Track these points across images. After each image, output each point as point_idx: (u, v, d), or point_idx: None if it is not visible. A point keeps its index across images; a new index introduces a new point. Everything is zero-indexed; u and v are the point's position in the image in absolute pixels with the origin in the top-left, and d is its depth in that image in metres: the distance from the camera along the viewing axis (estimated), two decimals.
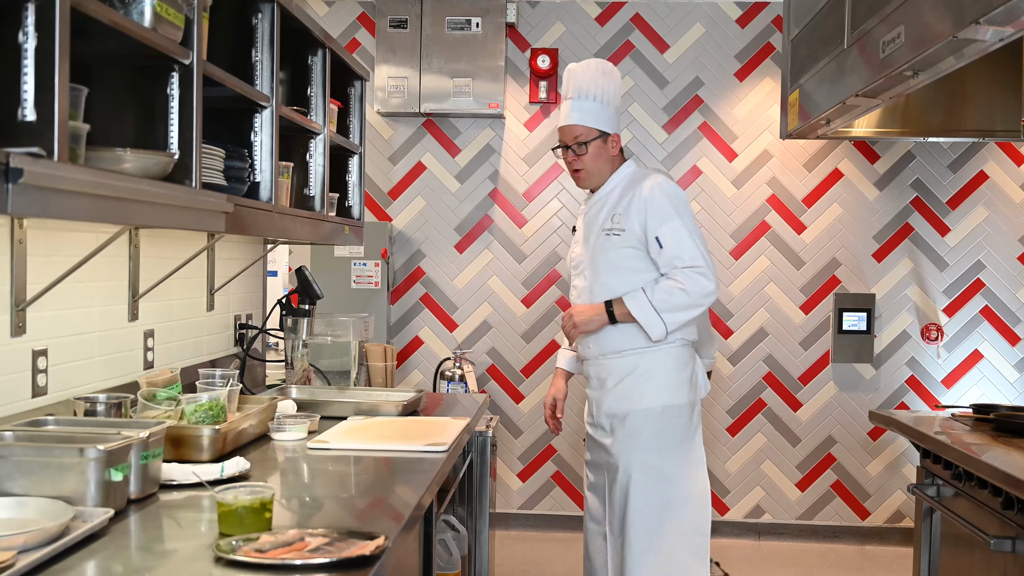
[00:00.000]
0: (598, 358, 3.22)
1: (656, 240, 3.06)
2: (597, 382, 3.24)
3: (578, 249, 3.30)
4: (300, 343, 3.55)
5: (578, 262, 3.29)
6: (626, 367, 3.16)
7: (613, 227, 3.14)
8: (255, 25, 2.70)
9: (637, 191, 3.12)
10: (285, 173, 2.99)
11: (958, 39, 2.29)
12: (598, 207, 3.23)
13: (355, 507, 2.11)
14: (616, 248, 3.13)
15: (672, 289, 3.03)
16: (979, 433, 3.20)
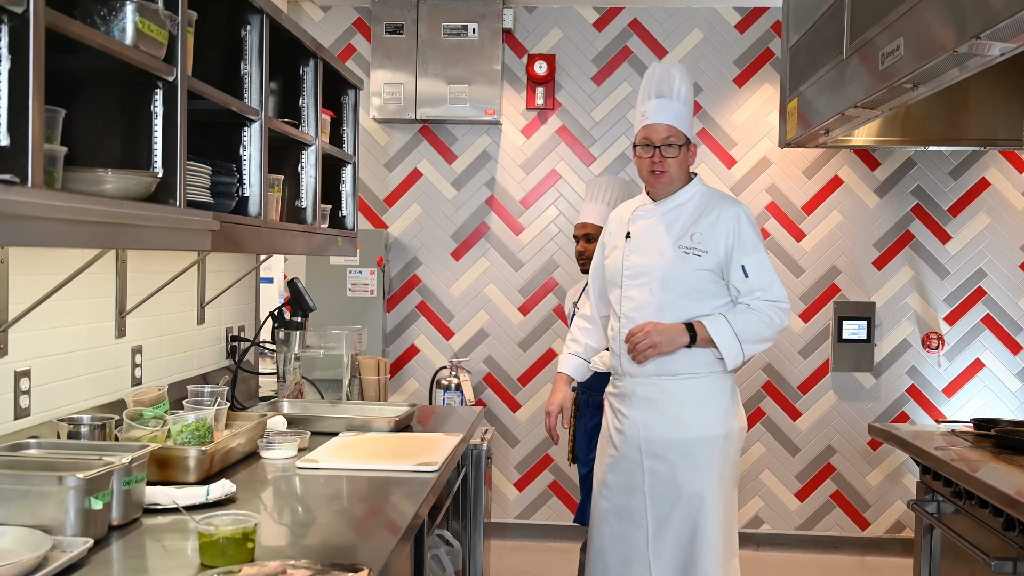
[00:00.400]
0: (652, 377, 3.07)
1: (742, 268, 3.03)
2: (644, 402, 3.09)
3: (637, 258, 3.12)
4: (292, 356, 3.51)
5: (638, 272, 3.11)
6: (686, 390, 3.06)
7: (693, 246, 3.03)
8: (244, 37, 2.65)
9: (720, 213, 3.05)
10: (275, 186, 2.95)
11: (958, 53, 2.25)
12: (669, 218, 3.10)
13: (342, 532, 2.07)
14: (695, 269, 3.02)
15: (758, 321, 3.00)
16: (980, 449, 3.16)
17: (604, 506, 3.20)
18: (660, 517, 3.07)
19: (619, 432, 3.16)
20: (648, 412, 3.07)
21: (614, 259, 3.20)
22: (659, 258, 3.06)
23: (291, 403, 3.41)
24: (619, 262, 3.17)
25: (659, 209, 3.13)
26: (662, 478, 3.06)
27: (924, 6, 2.41)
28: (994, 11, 2.02)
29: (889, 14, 2.66)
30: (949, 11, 2.27)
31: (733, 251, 3.02)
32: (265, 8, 2.64)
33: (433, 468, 2.58)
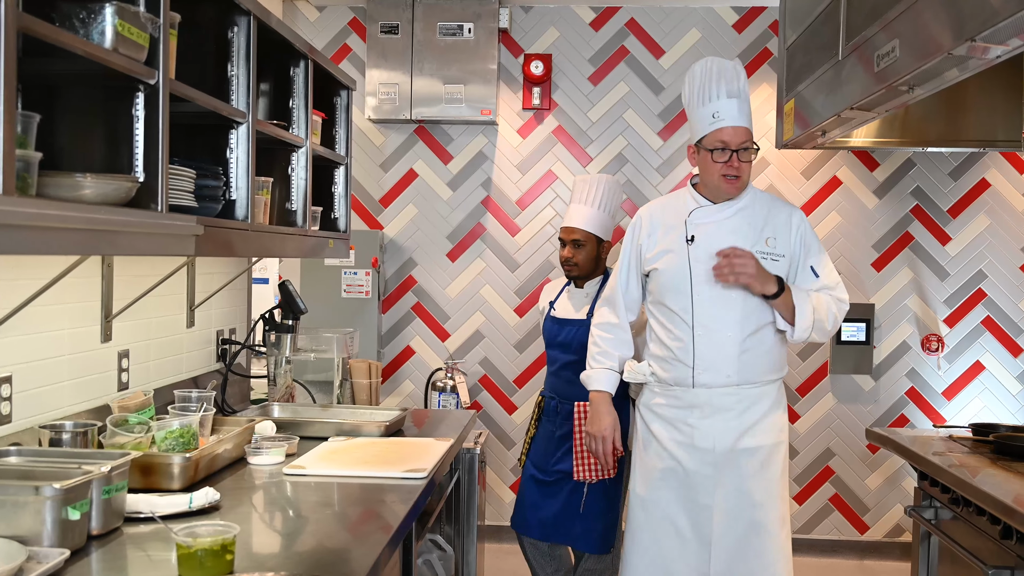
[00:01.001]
0: (731, 387, 2.99)
1: (811, 269, 3.06)
2: (720, 412, 3.00)
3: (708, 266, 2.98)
4: (283, 359, 3.48)
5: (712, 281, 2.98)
6: (761, 397, 3.04)
7: (770, 251, 3.01)
8: (231, 39, 2.62)
9: (783, 217, 3.07)
10: (264, 189, 2.92)
11: (954, 55, 2.21)
12: (738, 222, 3.02)
13: (327, 541, 2.04)
14: (774, 273, 2.97)
15: (827, 310, 3.01)
16: (978, 455, 3.12)
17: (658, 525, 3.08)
18: (724, 530, 2.99)
19: (685, 445, 3.04)
20: (726, 422, 3.00)
21: (673, 264, 3.05)
22: None
23: (281, 407, 3.38)
24: (683, 268, 3.03)
25: (725, 211, 3.05)
26: (732, 489, 2.99)
27: (920, 7, 2.38)
28: (990, 13, 1.98)
29: (885, 15, 2.63)
30: (945, 13, 2.23)
31: (803, 254, 3.06)
32: (252, 10, 2.60)
33: (421, 475, 2.55)
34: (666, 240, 3.09)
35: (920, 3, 2.37)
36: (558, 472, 3.92)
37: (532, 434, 4.02)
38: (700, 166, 3.06)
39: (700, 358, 2.99)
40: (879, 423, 5.14)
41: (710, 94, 2.99)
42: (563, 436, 3.89)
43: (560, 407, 3.90)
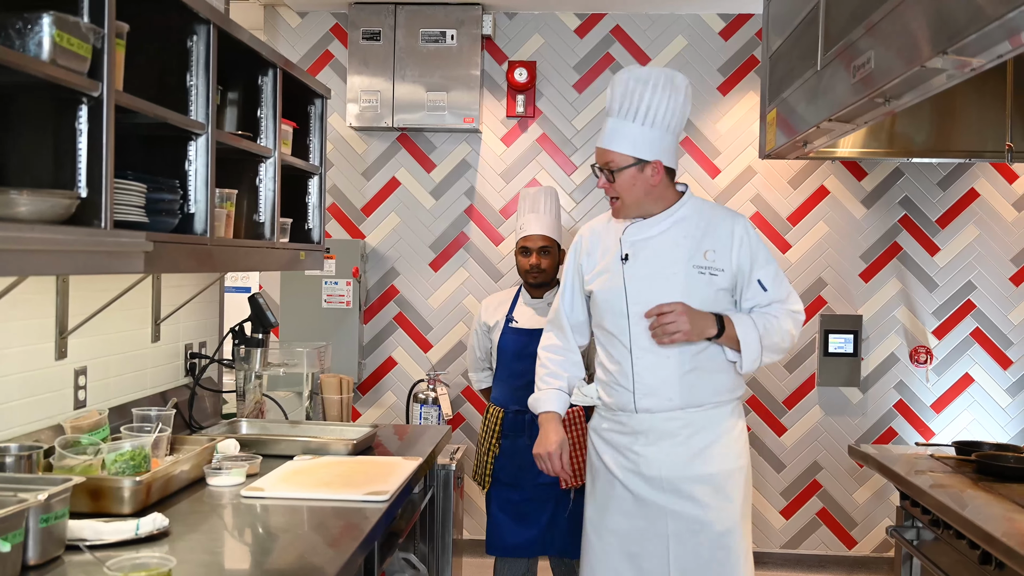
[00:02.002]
0: (675, 411, 2.82)
1: (759, 283, 2.85)
2: (665, 437, 2.83)
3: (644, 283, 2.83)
4: (253, 374, 3.41)
5: (649, 298, 2.81)
6: (710, 421, 2.86)
7: (709, 266, 2.82)
8: (189, 48, 2.55)
9: (725, 228, 2.86)
10: (228, 201, 2.85)
11: (927, 68, 2.14)
12: (673, 236, 2.84)
13: (278, 569, 1.97)
14: (713, 289, 2.81)
15: (779, 328, 2.83)
16: (960, 475, 3.05)
17: (613, 554, 2.94)
18: (684, 560, 2.84)
19: (633, 473, 2.89)
20: (672, 448, 2.83)
21: (608, 285, 2.90)
22: (672, 280, 2.81)
23: (250, 423, 3.31)
24: (618, 288, 2.88)
25: (660, 225, 2.86)
26: (687, 518, 2.83)
27: (894, 17, 2.31)
28: (961, 25, 1.91)
29: (861, 24, 2.56)
30: (918, 24, 2.16)
31: (749, 267, 2.85)
32: (212, 18, 2.54)
33: (382, 498, 2.48)
34: (604, 260, 2.95)
35: (894, 13, 2.30)
36: (541, 485, 3.84)
37: (495, 453, 3.93)
38: None
39: (640, 382, 2.84)
40: (867, 437, 5.06)
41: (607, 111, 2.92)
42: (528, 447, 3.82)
43: (535, 419, 3.82)
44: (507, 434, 3.91)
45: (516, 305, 4.03)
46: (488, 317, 4.07)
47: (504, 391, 4.01)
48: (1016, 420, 5.01)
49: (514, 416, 3.90)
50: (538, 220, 3.95)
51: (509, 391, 3.97)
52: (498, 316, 4.02)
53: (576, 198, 5.13)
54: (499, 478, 3.93)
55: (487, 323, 4.07)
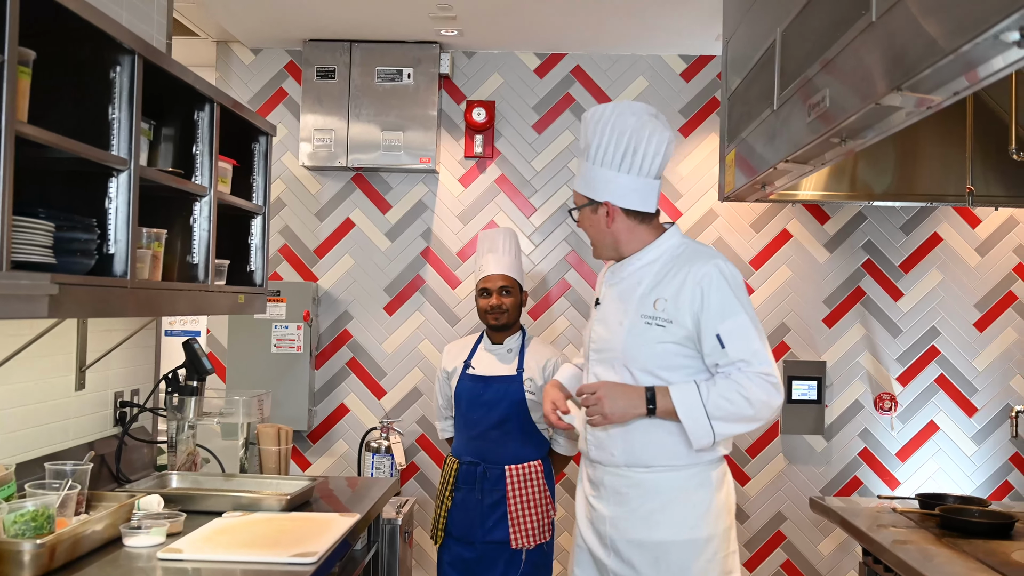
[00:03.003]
0: (620, 468, 2.64)
1: (717, 339, 2.52)
2: (613, 495, 2.66)
3: (602, 330, 2.71)
4: (186, 424, 3.24)
5: (603, 346, 2.69)
6: (661, 484, 2.60)
7: (656, 316, 2.56)
8: (112, 79, 2.41)
9: (687, 274, 2.57)
10: (156, 242, 2.70)
11: (882, 105, 2.04)
12: (632, 282, 2.68)
13: None
14: (657, 342, 2.56)
15: (734, 396, 2.49)
16: (923, 531, 2.92)
17: None
18: None
19: (589, 524, 2.75)
20: (617, 507, 2.64)
21: (587, 329, 2.85)
22: (619, 329, 2.63)
23: (181, 476, 3.14)
24: (588, 333, 2.81)
25: (628, 268, 2.72)
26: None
27: (848, 55, 2.22)
28: (915, 60, 1.82)
29: (815, 63, 2.47)
30: (873, 61, 2.07)
31: (704, 320, 2.53)
32: (136, 48, 2.41)
33: (310, 560, 2.31)
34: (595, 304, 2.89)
35: (848, 50, 2.21)
36: (490, 543, 3.69)
37: (448, 506, 3.77)
38: None
39: (590, 432, 2.72)
40: (831, 486, 4.94)
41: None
42: (494, 504, 3.68)
43: (488, 472, 3.70)
44: (460, 486, 3.77)
45: (476, 351, 3.92)
46: (448, 363, 3.96)
47: (459, 441, 3.88)
48: (982, 469, 4.91)
49: (467, 468, 3.76)
50: (497, 260, 3.87)
51: (464, 441, 3.84)
52: (457, 362, 3.91)
53: (535, 240, 5.01)
54: (451, 532, 3.77)
55: (446, 369, 3.96)
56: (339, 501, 3.21)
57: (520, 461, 3.72)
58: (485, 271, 3.86)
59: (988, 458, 4.91)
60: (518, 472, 3.70)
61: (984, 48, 1.61)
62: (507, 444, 3.75)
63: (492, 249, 3.91)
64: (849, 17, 2.19)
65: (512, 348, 3.86)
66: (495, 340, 3.88)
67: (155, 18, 3.48)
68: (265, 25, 4.66)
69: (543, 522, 3.69)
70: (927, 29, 1.77)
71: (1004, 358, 4.92)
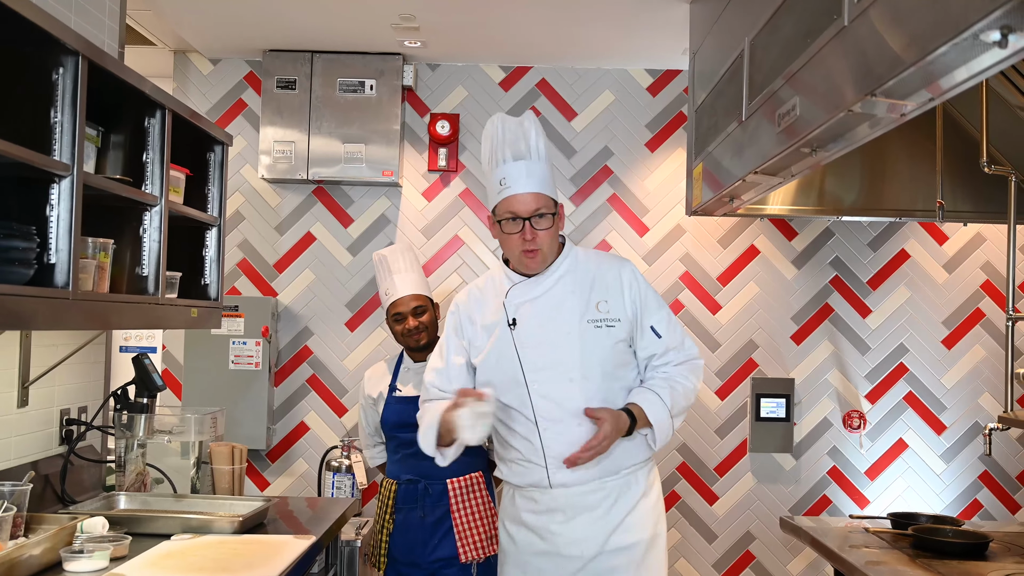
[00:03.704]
0: (593, 482, 2.62)
1: (652, 329, 2.70)
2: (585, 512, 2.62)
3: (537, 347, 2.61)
4: (135, 442, 3.11)
5: (545, 364, 2.61)
6: (628, 488, 2.68)
7: (604, 318, 2.63)
8: (55, 82, 2.31)
9: (612, 276, 2.70)
10: (102, 252, 2.59)
11: (854, 113, 1.98)
12: (561, 291, 2.66)
13: None
14: (612, 341, 2.63)
15: (684, 390, 2.70)
16: (896, 551, 2.86)
17: None
18: None
19: (550, 555, 2.64)
20: (592, 523, 2.62)
21: (498, 355, 2.67)
22: (568, 340, 2.60)
23: (129, 497, 3.01)
24: (510, 356, 2.65)
25: (544, 282, 2.67)
26: None
27: (818, 61, 2.16)
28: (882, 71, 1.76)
29: (785, 71, 2.41)
30: (845, 66, 2.01)
31: (641, 314, 2.69)
32: (80, 49, 2.30)
33: None
34: (488, 328, 2.71)
35: (818, 57, 2.15)
36: (438, 561, 3.56)
37: (390, 529, 3.62)
38: (500, 240, 2.70)
39: (552, 455, 2.60)
40: (800, 505, 4.87)
41: (495, 158, 2.66)
42: (437, 520, 3.54)
43: (429, 488, 3.54)
44: (400, 507, 3.61)
45: (399, 372, 3.78)
46: (372, 389, 3.82)
47: (393, 463, 3.75)
48: (951, 487, 4.87)
49: (407, 487, 3.60)
50: (403, 280, 3.72)
51: (398, 462, 3.70)
52: (381, 387, 3.77)
53: (499, 255, 4.92)
54: (395, 557, 3.61)
55: (371, 396, 3.81)
56: (297, 522, 3.10)
57: (461, 474, 3.55)
58: (393, 295, 3.70)
59: (957, 476, 4.88)
60: (461, 484, 3.56)
61: (963, 49, 1.55)
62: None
63: (396, 269, 3.74)
64: (820, 23, 2.14)
65: None
66: (417, 359, 3.73)
67: (107, 23, 3.37)
68: (224, 34, 4.56)
69: (490, 533, 3.56)
70: (901, 32, 1.71)
71: (972, 375, 4.90)
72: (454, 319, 2.83)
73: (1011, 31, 1.43)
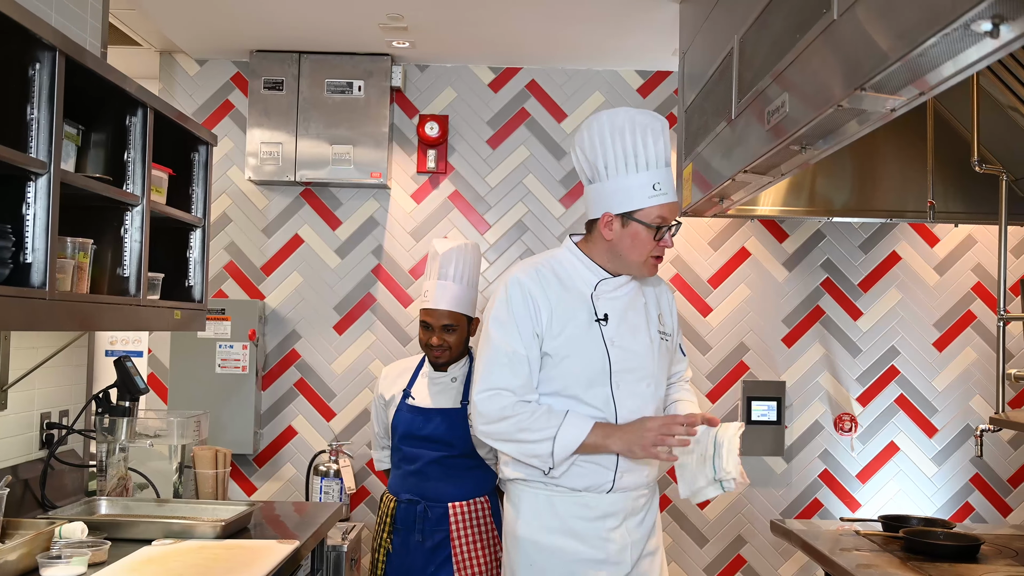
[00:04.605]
0: (643, 488, 2.66)
1: (680, 348, 2.86)
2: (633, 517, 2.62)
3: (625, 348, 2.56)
4: (117, 446, 3.06)
5: (632, 366, 2.57)
6: (653, 493, 2.75)
7: (663, 330, 2.71)
8: (31, 77, 2.27)
9: (663, 290, 2.80)
10: (81, 252, 2.54)
11: (842, 109, 1.95)
12: (637, 298, 2.64)
13: None
14: (668, 356, 2.74)
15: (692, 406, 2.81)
16: (887, 554, 2.82)
17: None
18: None
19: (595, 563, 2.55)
20: (636, 527, 2.62)
21: (586, 349, 2.53)
22: (647, 346, 2.61)
23: (110, 502, 2.96)
24: (599, 353, 2.54)
25: (626, 286, 2.62)
26: None
27: (807, 57, 2.13)
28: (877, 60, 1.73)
29: (774, 68, 2.38)
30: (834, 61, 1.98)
31: (675, 332, 2.81)
32: (57, 44, 2.26)
33: None
34: (570, 319, 2.54)
35: (807, 52, 2.12)
36: None
37: (387, 550, 3.42)
38: (622, 241, 2.52)
39: (624, 458, 2.54)
40: (792, 509, 4.84)
41: (648, 158, 2.48)
42: (436, 546, 3.35)
43: (429, 511, 3.35)
44: (398, 528, 3.42)
45: (416, 379, 3.56)
46: (386, 389, 3.60)
47: (396, 477, 3.54)
48: (943, 490, 4.84)
49: (406, 507, 3.41)
50: (444, 290, 3.40)
51: (400, 477, 3.50)
52: (395, 389, 3.56)
53: (490, 258, 4.90)
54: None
55: (384, 396, 3.60)
56: (283, 527, 3.05)
57: (465, 497, 3.39)
58: (428, 301, 3.43)
59: (949, 479, 4.85)
60: (463, 509, 3.38)
61: (953, 41, 1.52)
62: (449, 480, 3.41)
63: (442, 274, 3.43)
64: (810, 17, 2.11)
65: (456, 377, 3.49)
66: (439, 368, 3.49)
67: (89, 22, 3.32)
68: (210, 35, 4.52)
69: (491, 563, 3.37)
70: (891, 24, 1.68)
71: (963, 378, 4.87)
72: (526, 305, 2.56)
73: (1003, 20, 1.40)
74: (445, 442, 3.37)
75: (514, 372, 2.51)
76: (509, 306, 2.55)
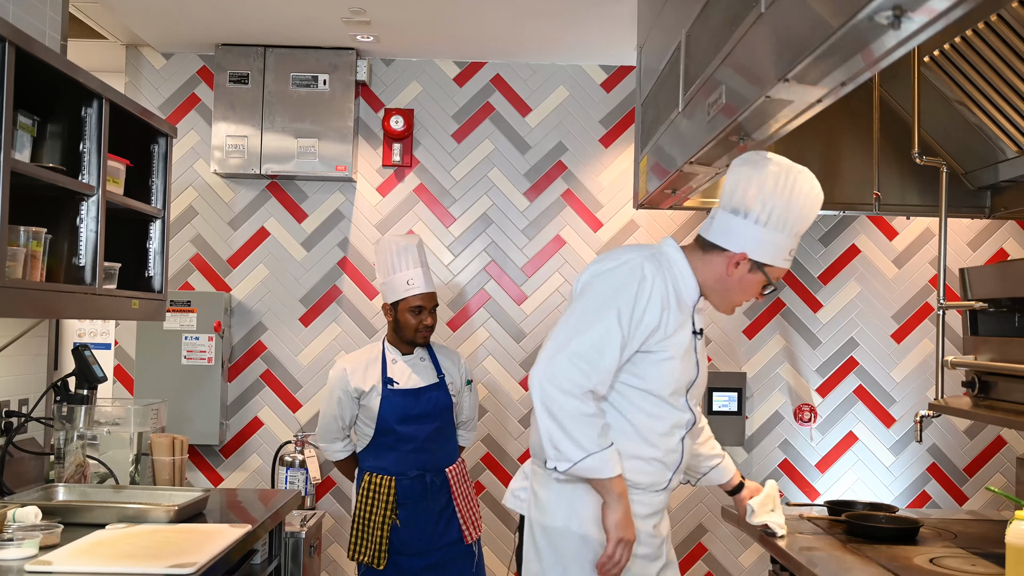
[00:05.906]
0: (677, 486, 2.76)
1: None
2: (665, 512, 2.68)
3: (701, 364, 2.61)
4: (75, 434, 3.10)
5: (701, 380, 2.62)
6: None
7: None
8: None
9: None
10: (34, 241, 2.58)
11: (772, 99, 2.01)
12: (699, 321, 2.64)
13: None
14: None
15: None
16: (830, 537, 2.89)
17: None
18: None
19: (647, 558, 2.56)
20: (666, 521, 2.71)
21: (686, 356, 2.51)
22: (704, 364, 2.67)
23: (68, 488, 2.99)
24: (691, 363, 2.53)
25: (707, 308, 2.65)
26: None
27: (740, 50, 2.19)
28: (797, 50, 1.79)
29: (713, 61, 2.44)
30: (762, 52, 2.04)
31: None
32: (8, 36, 2.30)
33: (188, 571, 2.20)
34: (681, 324, 2.50)
35: (740, 45, 2.18)
36: (446, 545, 3.76)
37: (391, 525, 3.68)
38: (741, 281, 2.49)
39: (684, 460, 2.61)
40: None
41: (800, 228, 2.53)
42: (441, 509, 3.75)
43: (434, 480, 3.75)
44: (404, 502, 3.70)
45: (388, 365, 3.81)
46: (360, 382, 3.75)
47: (395, 458, 3.76)
48: (900, 479, 4.93)
49: (411, 482, 3.73)
50: (425, 276, 3.85)
51: (400, 456, 3.75)
52: (372, 380, 3.75)
53: (455, 251, 4.94)
54: (401, 551, 3.69)
55: (360, 388, 3.74)
56: (245, 512, 3.10)
57: (452, 462, 3.86)
58: (418, 287, 3.78)
59: (906, 468, 4.94)
60: (456, 472, 3.85)
61: (863, 31, 1.58)
62: (442, 449, 3.84)
63: (420, 262, 3.86)
64: (742, 11, 2.17)
65: (423, 356, 3.88)
66: (404, 351, 3.84)
67: (48, 14, 3.35)
68: (176, 28, 4.54)
69: (477, 512, 3.90)
70: (809, 15, 1.74)
71: (921, 369, 4.96)
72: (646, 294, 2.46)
73: (903, 13, 1.46)
74: (436, 414, 3.76)
75: (602, 353, 2.39)
76: (627, 287, 2.46)
